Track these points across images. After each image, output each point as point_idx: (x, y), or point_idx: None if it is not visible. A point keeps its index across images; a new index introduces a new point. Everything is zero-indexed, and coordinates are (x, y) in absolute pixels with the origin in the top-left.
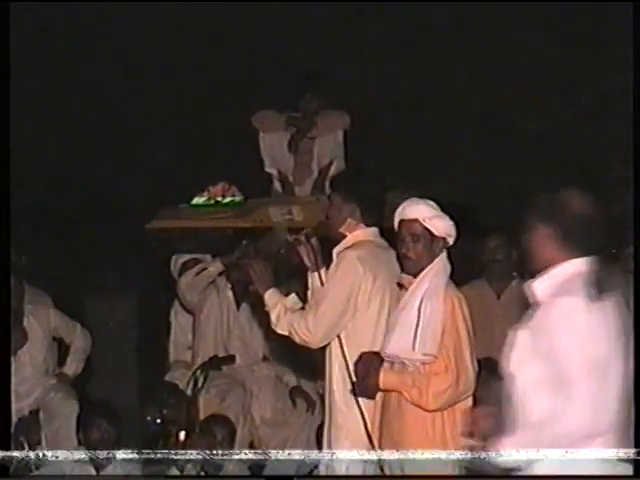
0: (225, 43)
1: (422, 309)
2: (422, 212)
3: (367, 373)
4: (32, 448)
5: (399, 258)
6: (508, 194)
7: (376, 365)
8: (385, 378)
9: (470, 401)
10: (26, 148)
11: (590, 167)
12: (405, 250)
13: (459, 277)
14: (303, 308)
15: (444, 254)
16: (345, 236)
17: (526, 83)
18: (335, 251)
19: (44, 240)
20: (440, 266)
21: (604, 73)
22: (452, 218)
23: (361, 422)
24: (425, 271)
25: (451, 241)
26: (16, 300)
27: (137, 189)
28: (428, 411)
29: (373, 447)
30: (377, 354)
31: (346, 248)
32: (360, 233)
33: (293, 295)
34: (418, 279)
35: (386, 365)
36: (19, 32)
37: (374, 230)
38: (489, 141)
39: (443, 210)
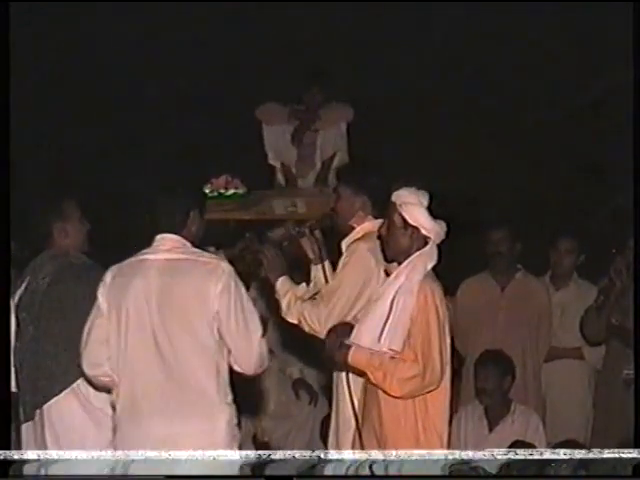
0: (229, 36)
1: (394, 304)
2: (399, 197)
3: (338, 343)
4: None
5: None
6: (511, 187)
7: (347, 336)
8: (354, 354)
9: (448, 395)
10: (29, 138)
11: (592, 160)
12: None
13: (463, 270)
14: (313, 298)
15: (427, 249)
16: (353, 228)
17: (529, 78)
18: (344, 243)
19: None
20: (418, 262)
21: (605, 68)
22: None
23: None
24: (402, 265)
25: (430, 235)
26: None
27: (140, 181)
28: (391, 396)
29: (360, 437)
30: (351, 325)
31: (356, 240)
32: (369, 225)
33: (304, 284)
34: (395, 273)
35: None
36: (19, 30)
37: (381, 222)
38: (494, 134)
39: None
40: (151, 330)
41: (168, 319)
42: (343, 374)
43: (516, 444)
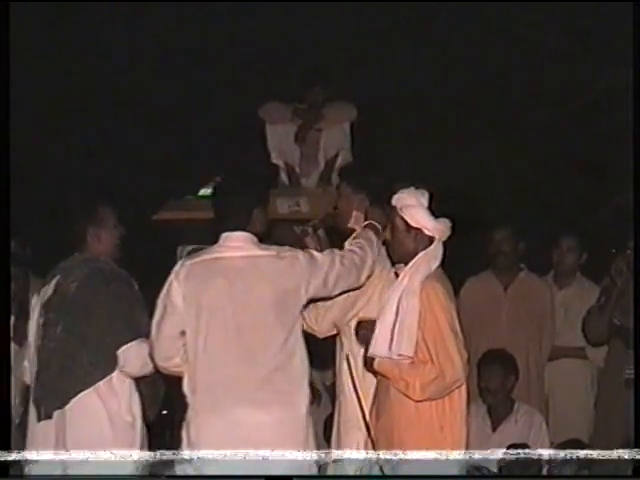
0: (232, 35)
1: (400, 308)
2: (400, 200)
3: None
4: None
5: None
6: (515, 187)
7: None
8: (378, 366)
9: (464, 394)
10: (30, 136)
11: (594, 159)
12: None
13: (466, 269)
14: None
15: (432, 248)
16: (354, 230)
17: (531, 77)
18: (347, 243)
19: (49, 231)
20: (422, 262)
21: (607, 66)
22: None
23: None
24: (407, 268)
25: (433, 234)
26: (21, 291)
27: (144, 180)
28: (417, 401)
29: (370, 438)
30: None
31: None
32: None
33: None
34: (401, 276)
35: None
36: (19, 28)
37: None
38: (496, 134)
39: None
40: (234, 326)
41: (249, 315)
42: (346, 373)
43: (513, 447)
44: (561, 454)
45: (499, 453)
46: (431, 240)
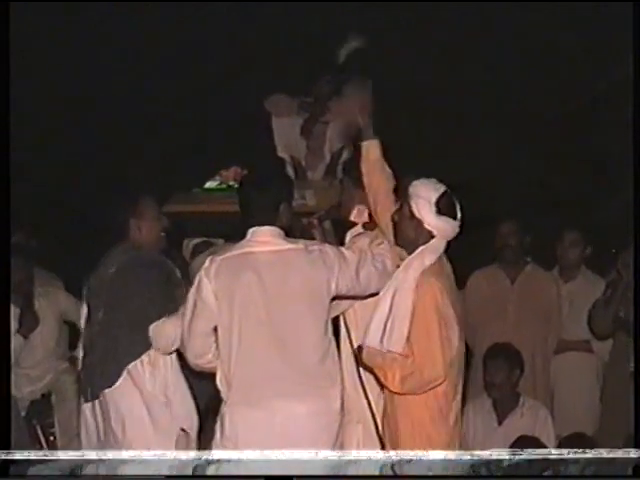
0: (239, 27)
1: (394, 302)
2: (413, 188)
3: None
4: (44, 432)
5: None
6: (521, 181)
7: None
8: (365, 355)
9: (451, 391)
10: (33, 130)
11: (597, 155)
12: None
13: (473, 263)
14: None
15: (430, 245)
16: (355, 224)
17: (538, 72)
18: (349, 233)
19: (56, 223)
20: (418, 258)
21: (609, 65)
22: (462, 205)
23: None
24: (404, 263)
25: (433, 230)
26: (26, 284)
27: (150, 172)
28: (395, 393)
29: (378, 432)
30: None
31: (358, 234)
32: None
33: None
34: (398, 270)
35: None
36: (19, 28)
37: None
38: (503, 130)
39: (454, 196)
40: (267, 320)
41: (283, 308)
42: (346, 364)
43: (521, 439)
44: (558, 454)
45: (495, 454)
46: (432, 236)
